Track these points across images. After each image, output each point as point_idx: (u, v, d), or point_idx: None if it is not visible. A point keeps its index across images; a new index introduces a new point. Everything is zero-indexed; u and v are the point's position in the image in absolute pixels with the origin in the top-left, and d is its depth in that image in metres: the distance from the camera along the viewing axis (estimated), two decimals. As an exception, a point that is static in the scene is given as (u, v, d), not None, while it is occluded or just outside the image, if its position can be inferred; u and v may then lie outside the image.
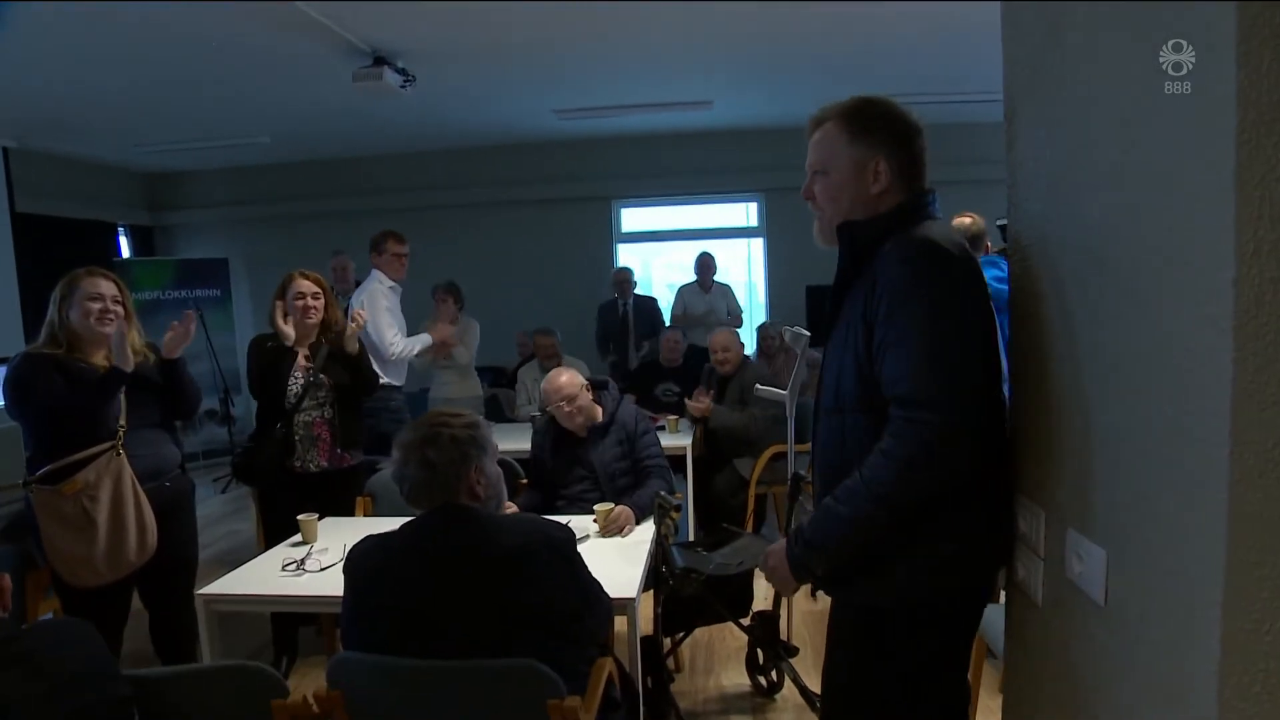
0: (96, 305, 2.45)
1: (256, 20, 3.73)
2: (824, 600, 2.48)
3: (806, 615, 3.38)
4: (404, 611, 1.55)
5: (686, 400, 4.33)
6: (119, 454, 2.45)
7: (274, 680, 1.56)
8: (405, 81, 4.49)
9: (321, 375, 2.97)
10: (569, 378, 2.97)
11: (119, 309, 2.50)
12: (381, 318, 3.93)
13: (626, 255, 7.44)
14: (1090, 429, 1.11)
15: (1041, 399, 1.27)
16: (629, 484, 2.94)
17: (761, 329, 5.68)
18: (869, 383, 1.33)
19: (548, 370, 5.30)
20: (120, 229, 7.66)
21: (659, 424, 4.40)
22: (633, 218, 7.71)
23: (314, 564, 2.32)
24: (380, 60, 4.31)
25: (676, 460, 3.88)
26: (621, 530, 2.61)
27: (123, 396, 2.49)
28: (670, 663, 2.91)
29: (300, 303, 2.95)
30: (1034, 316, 1.30)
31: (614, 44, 4.47)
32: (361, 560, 1.63)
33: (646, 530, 2.55)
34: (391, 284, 4.10)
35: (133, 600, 2.64)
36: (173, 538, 2.59)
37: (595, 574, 1.84)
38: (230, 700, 1.57)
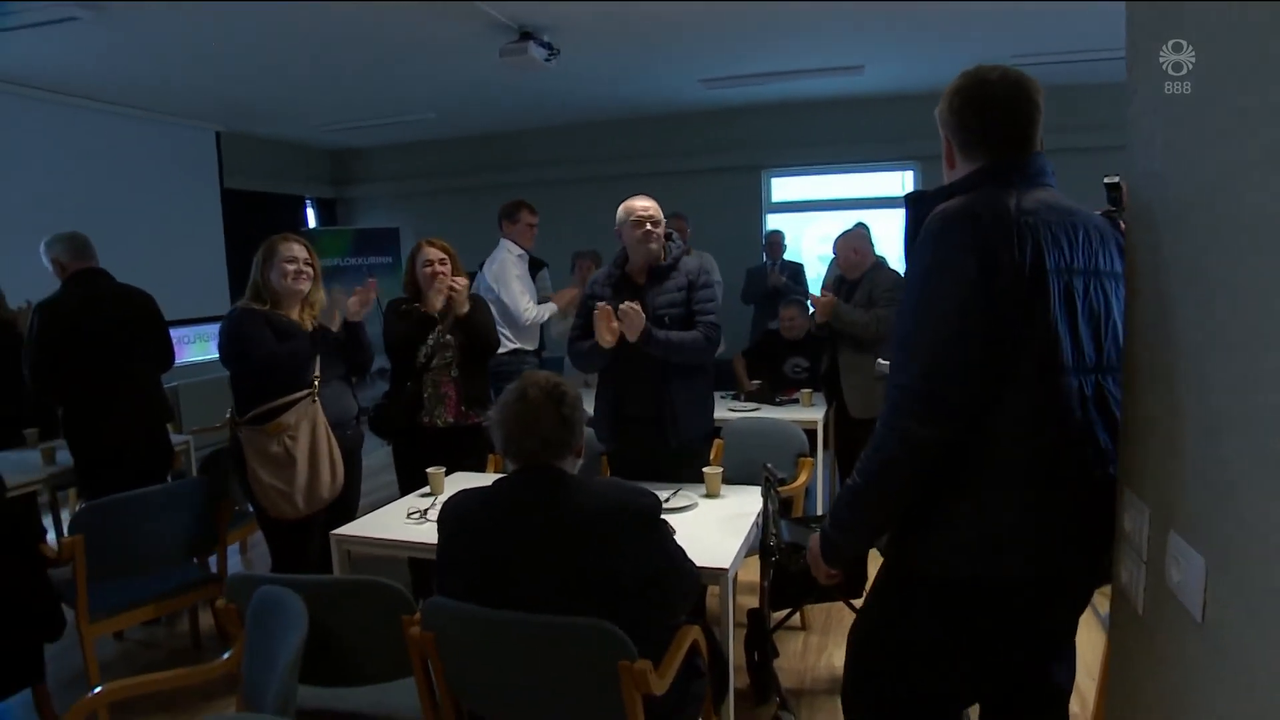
0: (291, 267, 2.77)
1: (416, 4, 3.95)
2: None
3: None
4: (485, 564, 1.63)
5: (811, 296, 4.13)
6: (314, 401, 2.76)
7: (404, 598, 1.76)
8: (550, 55, 4.60)
9: (448, 336, 3.10)
10: (653, 202, 2.79)
11: (310, 270, 2.82)
12: (514, 285, 4.04)
13: (776, 225, 7.27)
14: (1189, 417, 0.98)
15: (1142, 382, 1.13)
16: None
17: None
18: None
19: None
20: (308, 201, 8.46)
21: (793, 397, 4.31)
22: (783, 187, 7.52)
23: (435, 514, 2.48)
24: (526, 35, 4.43)
25: (809, 434, 3.77)
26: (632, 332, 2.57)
27: None
28: (783, 631, 2.87)
29: (428, 269, 3.08)
30: (1138, 290, 1.16)
31: (760, 9, 4.33)
32: (453, 512, 1.72)
33: (751, 503, 2.50)
34: (520, 252, 4.20)
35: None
36: (345, 483, 2.89)
37: (692, 543, 1.85)
38: (367, 609, 1.81)
